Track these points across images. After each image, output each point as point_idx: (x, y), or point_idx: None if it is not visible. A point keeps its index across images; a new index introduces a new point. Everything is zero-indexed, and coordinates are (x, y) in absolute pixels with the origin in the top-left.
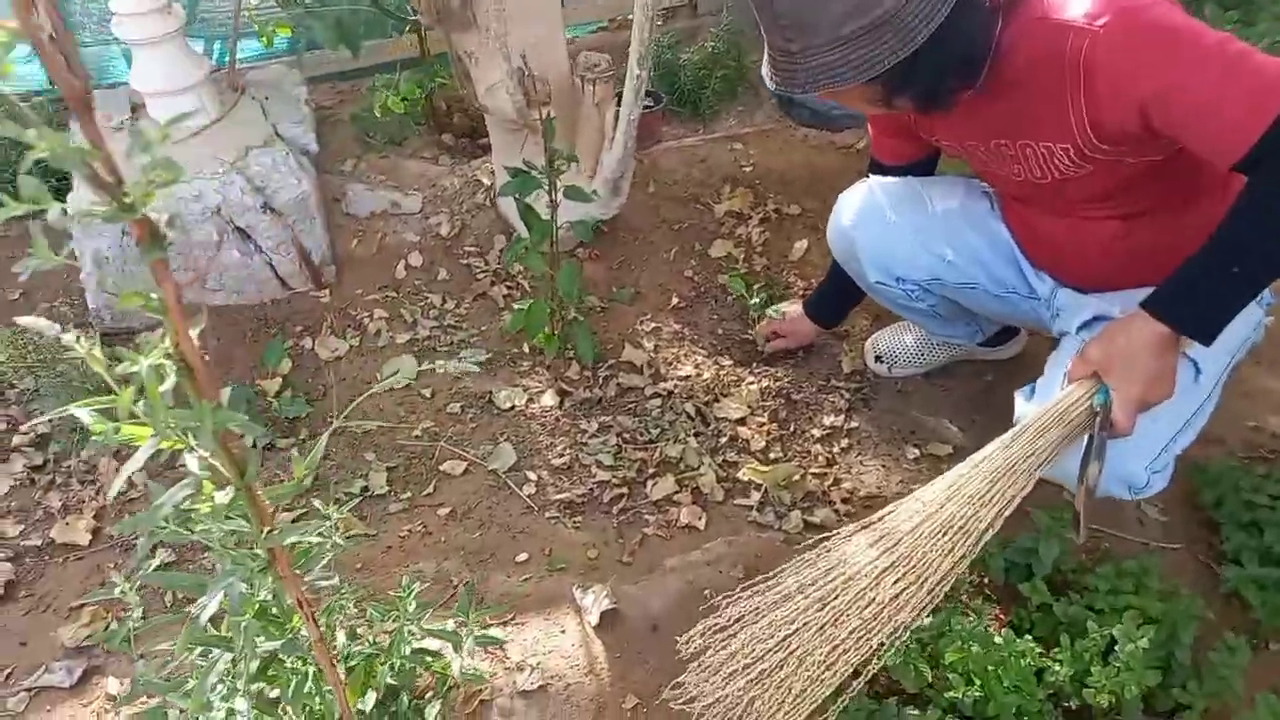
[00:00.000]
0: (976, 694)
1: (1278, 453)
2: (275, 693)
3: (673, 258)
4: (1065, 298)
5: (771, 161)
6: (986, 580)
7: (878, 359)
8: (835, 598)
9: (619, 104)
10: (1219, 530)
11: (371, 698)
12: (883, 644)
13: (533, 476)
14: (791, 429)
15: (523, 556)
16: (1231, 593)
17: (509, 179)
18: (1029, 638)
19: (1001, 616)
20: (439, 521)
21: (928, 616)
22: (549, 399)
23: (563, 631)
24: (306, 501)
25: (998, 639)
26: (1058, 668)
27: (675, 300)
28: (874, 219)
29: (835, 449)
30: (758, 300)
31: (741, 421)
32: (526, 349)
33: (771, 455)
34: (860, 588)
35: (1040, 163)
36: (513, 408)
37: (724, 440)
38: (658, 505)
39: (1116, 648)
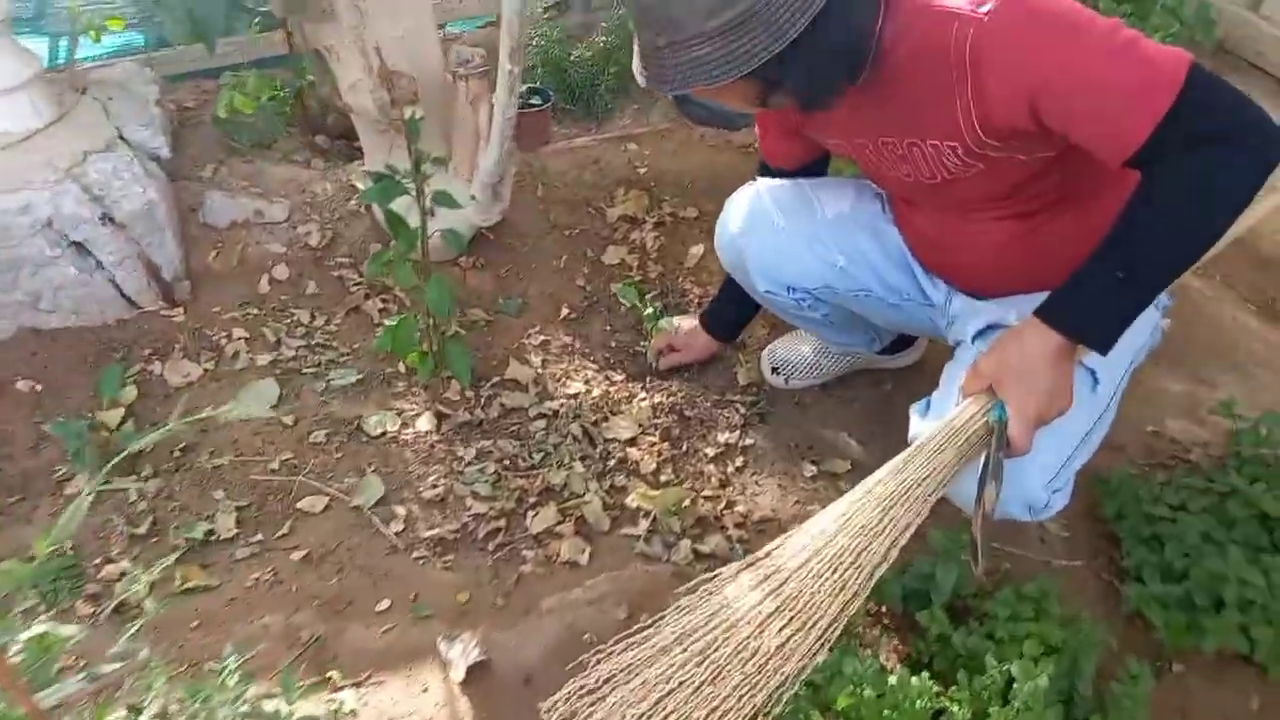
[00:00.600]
0: None
1: (1178, 459)
2: None
3: (563, 265)
4: (960, 304)
5: (667, 163)
6: (884, 609)
7: (774, 370)
8: (716, 649)
9: None
10: (1121, 544)
11: None
12: (768, 700)
13: (401, 511)
14: (684, 448)
15: (384, 604)
16: (1134, 612)
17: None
18: (926, 675)
19: (899, 649)
20: (292, 567)
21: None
22: (425, 423)
23: (425, 690)
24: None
25: (892, 679)
26: (955, 709)
27: (565, 311)
28: (762, 225)
29: (729, 468)
30: (652, 310)
31: (632, 442)
32: (403, 368)
33: (662, 478)
34: (743, 637)
35: (929, 162)
36: (384, 434)
37: (612, 463)
38: (538, 539)
39: (1015, 685)
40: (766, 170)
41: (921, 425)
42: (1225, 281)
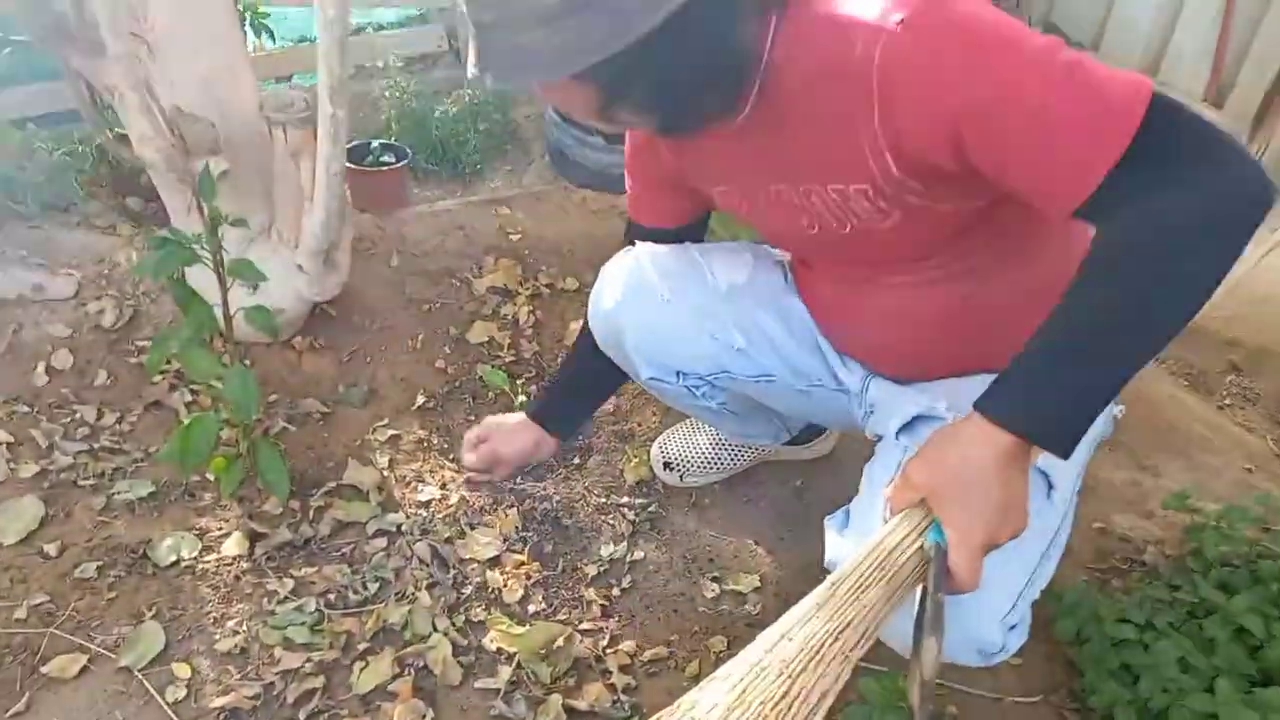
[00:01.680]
0: None
1: (1131, 560)
2: None
3: (419, 345)
4: (879, 390)
5: (544, 229)
6: None
7: (666, 466)
8: None
9: None
10: (1083, 674)
11: None
12: None
13: (184, 672)
14: (559, 567)
15: None
16: None
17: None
18: None
19: None
20: None
21: None
22: (233, 546)
23: None
24: None
25: None
26: None
27: (421, 399)
28: (643, 298)
29: (614, 591)
30: (525, 397)
31: (494, 562)
32: (213, 476)
33: (531, 608)
34: None
35: (832, 210)
36: (177, 563)
37: (468, 591)
38: (366, 701)
39: None
40: (638, 231)
41: (839, 546)
42: None
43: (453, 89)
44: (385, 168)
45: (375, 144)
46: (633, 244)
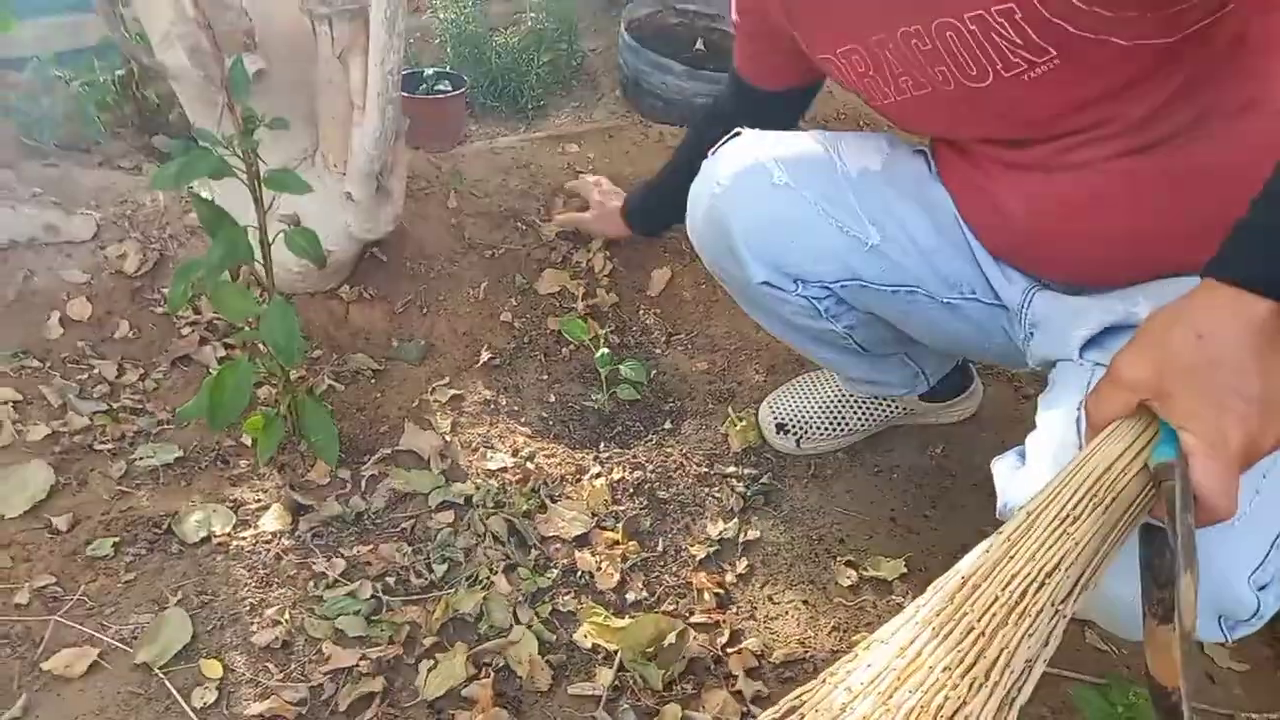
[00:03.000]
0: None
1: None
2: None
3: (483, 296)
4: (1045, 304)
5: (617, 167)
6: None
7: (780, 429)
8: None
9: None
10: None
11: None
12: None
13: (215, 671)
14: (659, 547)
15: None
16: None
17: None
18: None
19: None
20: None
21: None
22: (273, 520)
23: None
24: None
25: None
26: None
27: (486, 356)
28: (755, 185)
29: (728, 576)
30: (605, 352)
31: (582, 541)
32: (249, 440)
33: (630, 596)
34: None
35: (973, 50)
36: (207, 539)
37: (554, 576)
38: (435, 709)
39: None
40: (740, 90)
41: (1018, 485)
42: None
43: (511, 26)
44: (441, 95)
45: (430, 71)
46: (726, 125)
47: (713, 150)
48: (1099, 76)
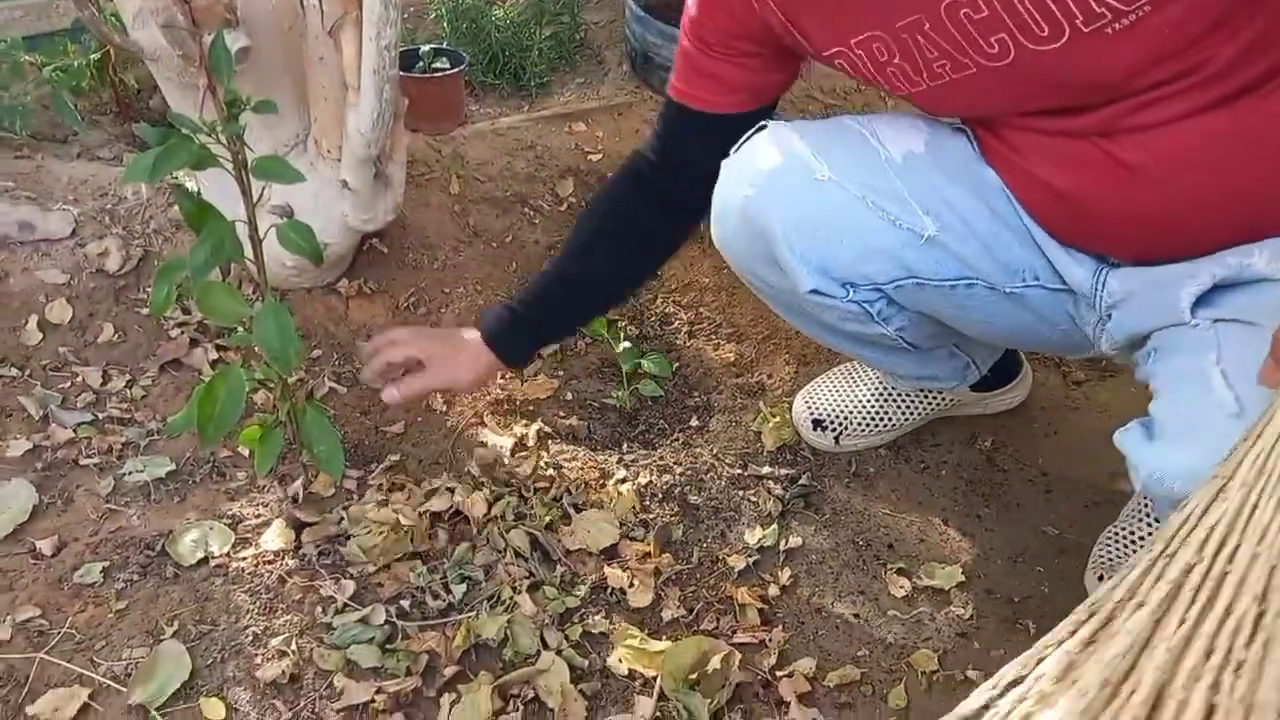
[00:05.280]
0: None
1: None
2: None
3: (490, 288)
4: (1123, 281)
5: (628, 146)
6: None
7: (817, 425)
8: None
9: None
10: None
11: None
12: None
13: (217, 712)
14: (694, 559)
15: None
16: None
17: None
18: None
19: None
20: None
21: None
22: (275, 538)
23: None
24: None
25: None
26: None
27: None
28: (794, 181)
29: (770, 589)
30: (627, 346)
31: (611, 554)
32: (247, 451)
33: (666, 614)
34: None
35: (1046, 6)
36: (204, 560)
37: (582, 594)
38: None
39: None
40: (672, 120)
41: (1163, 455)
42: None
43: None
44: (439, 74)
45: (426, 48)
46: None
47: (734, 148)
48: (1191, 21)
